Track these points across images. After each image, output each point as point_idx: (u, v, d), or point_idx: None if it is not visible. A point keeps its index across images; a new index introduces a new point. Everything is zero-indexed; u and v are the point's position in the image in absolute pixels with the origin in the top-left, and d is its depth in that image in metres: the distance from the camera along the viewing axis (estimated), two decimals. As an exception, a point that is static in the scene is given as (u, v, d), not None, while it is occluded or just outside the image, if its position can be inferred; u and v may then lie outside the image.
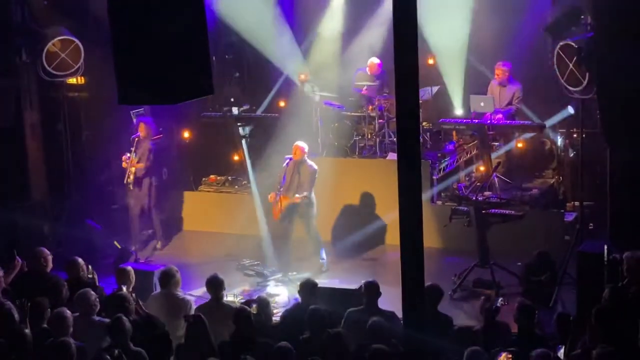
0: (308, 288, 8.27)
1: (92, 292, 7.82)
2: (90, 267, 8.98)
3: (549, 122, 12.42)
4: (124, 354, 6.76)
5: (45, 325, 7.38)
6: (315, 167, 11.11)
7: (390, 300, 8.14)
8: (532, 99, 13.06)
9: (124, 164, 12.09)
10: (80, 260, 8.90)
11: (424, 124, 13.03)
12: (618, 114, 8.84)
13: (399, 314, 5.89)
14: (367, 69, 13.44)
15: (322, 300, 8.12)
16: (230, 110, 13.59)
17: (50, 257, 9.09)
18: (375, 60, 13.38)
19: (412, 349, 5.26)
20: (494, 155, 12.62)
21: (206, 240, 12.83)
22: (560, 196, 12.29)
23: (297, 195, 10.90)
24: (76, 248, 11.53)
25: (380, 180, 11.87)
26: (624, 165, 9.12)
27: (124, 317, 7.07)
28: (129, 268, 8.77)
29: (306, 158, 11.06)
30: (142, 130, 12.24)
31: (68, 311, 7.28)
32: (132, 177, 12.13)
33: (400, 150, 5.11)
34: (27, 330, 7.13)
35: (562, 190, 12.40)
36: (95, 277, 8.80)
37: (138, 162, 12.08)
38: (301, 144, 11.06)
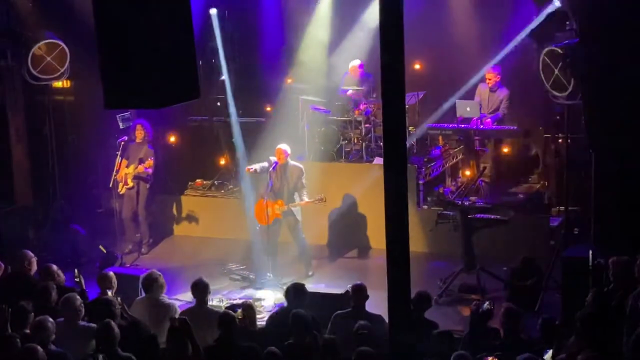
0: (295, 292, 8.26)
1: (78, 297, 7.78)
2: (77, 270, 8.93)
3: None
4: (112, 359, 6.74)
5: (27, 331, 7.33)
6: (301, 166, 11.11)
7: (377, 304, 8.15)
8: (518, 104, 13.11)
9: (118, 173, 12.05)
10: (54, 266, 8.85)
11: (411, 128, 13.06)
12: (603, 119, 8.87)
13: (386, 318, 5.89)
14: (349, 73, 13.46)
15: (307, 305, 8.10)
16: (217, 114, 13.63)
17: (34, 260, 9.08)
18: (356, 63, 13.38)
19: (398, 353, 5.26)
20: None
21: (192, 244, 12.81)
22: (545, 201, 12.34)
23: (306, 200, 10.89)
24: (61, 252, 11.54)
25: (367, 184, 11.88)
26: (608, 170, 9.15)
27: (112, 322, 7.03)
28: (110, 273, 8.72)
29: (289, 160, 11.04)
30: (139, 133, 12.23)
31: (51, 319, 7.21)
32: (130, 181, 12.12)
33: (387, 154, 5.11)
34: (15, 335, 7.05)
35: (547, 195, 12.44)
36: (82, 281, 8.75)
37: (139, 166, 12.08)
38: (284, 146, 11.04)
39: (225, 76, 13.57)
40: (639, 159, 8.80)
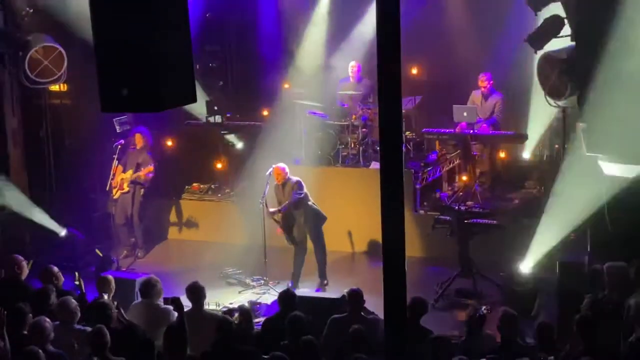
0: (286, 298, 8.27)
1: (73, 300, 7.78)
2: (77, 274, 8.93)
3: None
4: None
5: (25, 332, 7.33)
6: (297, 179, 10.96)
7: (374, 309, 8.18)
8: (515, 109, 13.13)
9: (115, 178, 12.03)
10: (55, 268, 8.85)
11: (407, 133, 13.07)
12: (599, 124, 8.89)
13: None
14: (350, 76, 13.49)
15: (303, 309, 8.11)
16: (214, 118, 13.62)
17: (24, 264, 9.05)
18: (352, 63, 13.43)
19: (393, 358, 5.25)
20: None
21: (189, 248, 12.80)
22: (541, 206, 12.33)
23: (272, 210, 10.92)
24: (57, 256, 11.51)
25: (363, 189, 11.88)
26: (603, 176, 9.15)
27: (104, 329, 7.02)
28: (110, 277, 8.74)
29: (289, 177, 10.95)
30: (139, 141, 12.20)
31: (48, 320, 7.22)
32: (126, 186, 12.10)
33: (383, 159, 5.11)
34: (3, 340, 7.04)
35: (543, 201, 12.44)
36: (82, 284, 8.75)
37: (138, 172, 12.06)
38: (281, 165, 10.93)
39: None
40: (635, 163, 8.80)
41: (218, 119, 13.67)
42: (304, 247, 11.09)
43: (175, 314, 8.29)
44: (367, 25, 13.45)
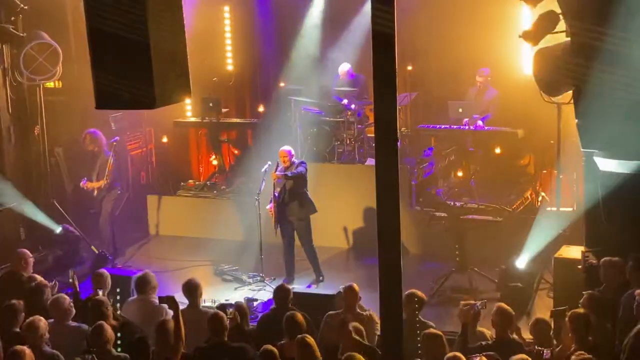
0: (281, 293, 8.27)
1: (66, 297, 7.78)
2: (71, 271, 8.94)
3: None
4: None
5: (17, 330, 7.31)
6: (301, 160, 10.99)
7: (370, 305, 8.18)
8: (510, 106, 13.12)
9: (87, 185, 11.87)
10: (38, 277, 8.85)
11: (403, 129, 13.07)
12: (595, 120, 8.89)
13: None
14: (340, 76, 13.47)
15: (298, 306, 8.12)
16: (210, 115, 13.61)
17: (31, 260, 9.13)
18: (345, 67, 13.39)
19: (388, 353, 5.26)
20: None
21: (184, 245, 12.79)
22: (537, 202, 12.34)
23: (277, 173, 10.71)
24: (53, 253, 11.50)
25: (359, 185, 11.88)
26: (600, 171, 9.16)
27: (105, 324, 7.02)
28: (105, 272, 8.73)
29: (294, 160, 10.91)
30: (92, 144, 11.81)
31: (42, 319, 7.20)
32: (96, 190, 11.92)
33: (378, 156, 5.11)
34: None
35: (539, 196, 12.45)
36: (76, 282, 8.75)
37: (98, 177, 11.82)
38: (286, 148, 10.90)
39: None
40: (630, 159, 8.80)
41: (213, 115, 13.65)
42: (292, 237, 11.05)
43: (171, 310, 8.29)
44: (364, 19, 13.43)
